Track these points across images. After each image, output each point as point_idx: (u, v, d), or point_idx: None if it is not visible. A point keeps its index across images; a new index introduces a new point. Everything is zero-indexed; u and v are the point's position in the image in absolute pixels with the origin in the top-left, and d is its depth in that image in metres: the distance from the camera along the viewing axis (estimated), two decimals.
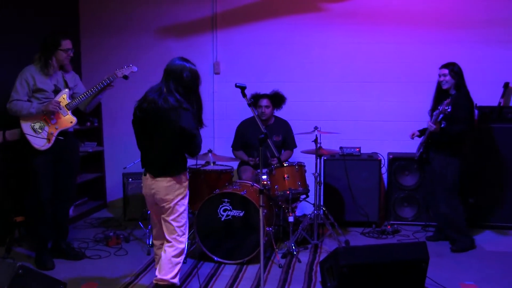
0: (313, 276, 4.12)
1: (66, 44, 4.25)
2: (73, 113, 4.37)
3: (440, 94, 4.76)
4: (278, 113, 5.48)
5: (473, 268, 4.30)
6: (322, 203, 4.88)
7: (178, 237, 3.46)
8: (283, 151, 5.47)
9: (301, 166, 4.78)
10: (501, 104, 5.43)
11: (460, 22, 5.65)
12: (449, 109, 4.42)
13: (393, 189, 5.55)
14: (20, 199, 4.90)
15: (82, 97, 4.32)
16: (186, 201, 3.50)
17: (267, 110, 5.27)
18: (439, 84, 4.76)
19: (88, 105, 4.49)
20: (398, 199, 5.54)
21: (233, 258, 4.37)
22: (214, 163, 4.93)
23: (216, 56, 6.12)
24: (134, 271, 4.25)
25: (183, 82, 3.31)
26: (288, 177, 4.64)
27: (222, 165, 5.03)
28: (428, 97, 4.92)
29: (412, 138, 4.96)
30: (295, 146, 5.51)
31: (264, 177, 4.79)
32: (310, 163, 5.12)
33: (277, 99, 5.34)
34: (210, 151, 4.89)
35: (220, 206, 4.38)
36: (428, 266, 3.59)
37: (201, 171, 4.76)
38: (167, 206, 3.42)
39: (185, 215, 3.50)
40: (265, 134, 3.47)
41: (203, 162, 4.84)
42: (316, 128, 4.82)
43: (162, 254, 3.47)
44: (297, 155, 5.49)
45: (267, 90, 5.37)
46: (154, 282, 3.48)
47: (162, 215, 3.47)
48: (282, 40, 5.99)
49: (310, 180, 4.87)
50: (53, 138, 4.25)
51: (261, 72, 6.04)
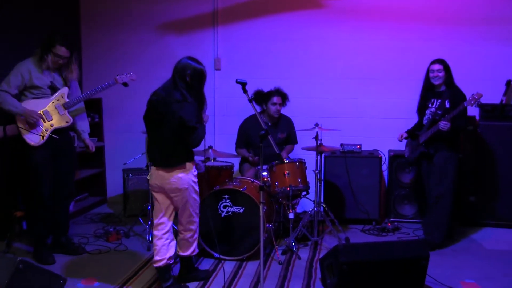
0: (313, 273, 4.11)
1: (60, 50, 4.15)
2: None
3: (428, 91, 4.72)
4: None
5: (474, 266, 4.29)
6: (322, 200, 4.88)
7: (193, 219, 3.80)
8: (284, 146, 5.46)
9: (301, 163, 4.77)
10: (503, 102, 5.42)
11: (462, 19, 5.62)
12: (447, 106, 4.41)
13: (394, 187, 5.54)
14: (20, 194, 4.89)
15: (81, 98, 4.35)
16: (197, 187, 3.76)
17: (280, 107, 5.27)
18: (428, 80, 4.69)
19: (77, 115, 4.52)
20: (399, 196, 5.53)
21: (233, 255, 4.37)
22: (214, 159, 4.93)
23: (217, 52, 6.10)
24: (134, 266, 4.25)
25: (186, 80, 3.54)
26: (288, 173, 4.63)
27: (223, 161, 5.03)
28: None
29: (401, 141, 4.93)
30: (296, 142, 5.51)
31: (265, 173, 4.78)
32: (311, 160, 5.11)
33: (285, 96, 5.33)
34: (210, 147, 4.89)
35: (220, 202, 4.38)
36: (428, 263, 3.60)
37: None
38: (178, 197, 3.65)
39: (197, 198, 3.78)
40: (265, 130, 3.46)
41: (203, 158, 4.84)
42: (317, 125, 4.81)
43: (179, 235, 3.84)
44: (298, 152, 5.48)
45: (268, 87, 5.35)
46: (178, 254, 3.89)
47: (174, 204, 3.71)
48: (283, 36, 5.97)
49: (311, 177, 4.86)
50: (47, 135, 4.22)
51: (262, 68, 6.03)
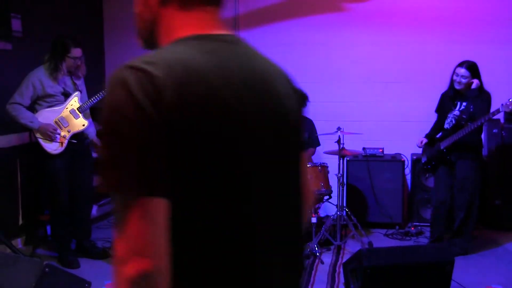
0: (336, 278, 4.10)
1: (76, 52, 4.16)
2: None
3: (453, 91, 4.59)
4: None
5: (500, 271, 4.22)
6: (345, 204, 4.86)
7: None
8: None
9: (324, 167, 4.76)
10: None
11: (484, 21, 5.54)
12: (471, 109, 4.37)
13: (417, 190, 5.48)
14: (44, 198, 4.96)
15: (93, 99, 4.32)
16: None
17: None
18: (452, 81, 4.56)
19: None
20: (422, 200, 5.46)
21: None
22: None
23: None
24: None
25: None
26: (311, 178, 4.62)
27: None
28: None
29: (421, 147, 4.87)
30: (319, 144, 5.47)
31: None
32: (333, 163, 5.08)
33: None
34: None
35: None
36: (453, 268, 3.55)
37: None
38: None
39: None
40: None
41: None
42: (339, 128, 4.79)
43: None
44: (320, 156, 5.46)
45: None
46: None
47: None
48: (303, 41, 5.96)
49: (333, 181, 4.85)
50: (66, 142, 4.23)
51: None
